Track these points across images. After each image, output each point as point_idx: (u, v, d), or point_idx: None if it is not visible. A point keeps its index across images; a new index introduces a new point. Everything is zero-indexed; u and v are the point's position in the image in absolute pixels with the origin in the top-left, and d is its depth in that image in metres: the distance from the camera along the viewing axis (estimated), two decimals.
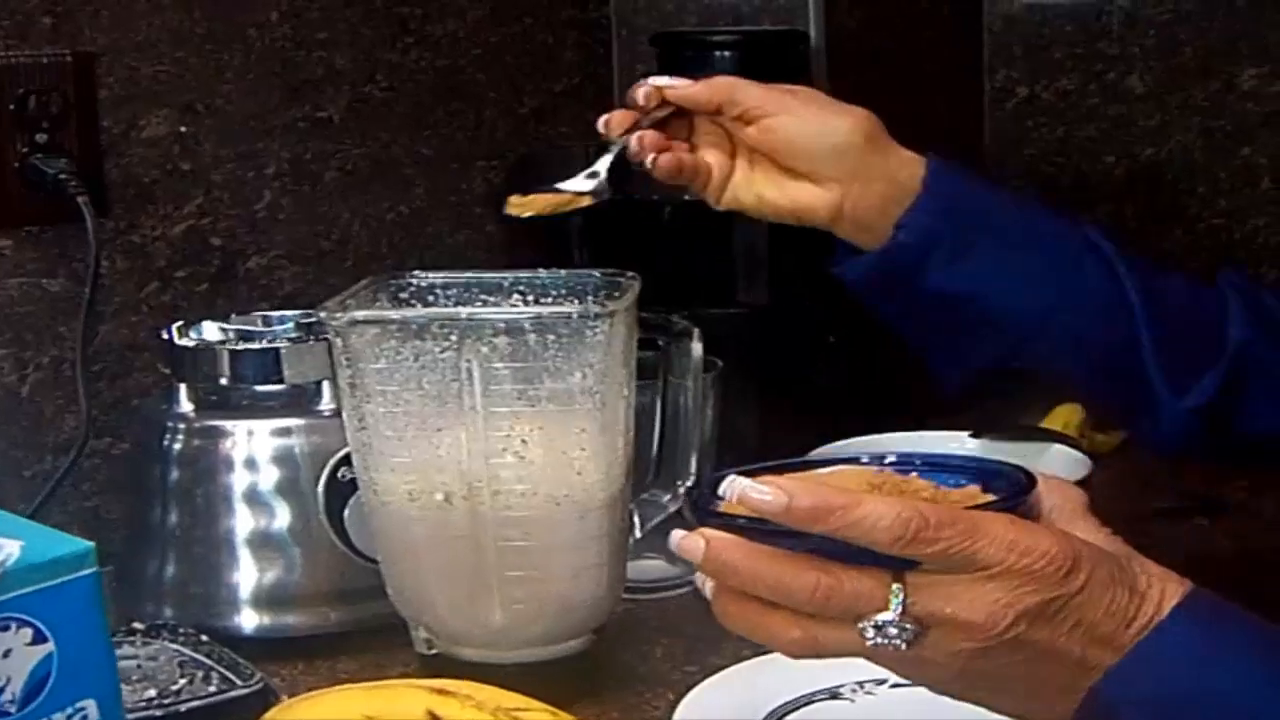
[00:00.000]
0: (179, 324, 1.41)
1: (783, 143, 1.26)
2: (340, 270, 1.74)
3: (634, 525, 1.29)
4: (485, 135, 1.88)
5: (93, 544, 0.83)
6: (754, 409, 1.61)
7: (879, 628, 0.87)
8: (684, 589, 1.46)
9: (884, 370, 1.68)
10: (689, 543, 0.91)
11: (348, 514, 1.34)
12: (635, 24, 1.99)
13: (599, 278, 1.29)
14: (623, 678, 1.27)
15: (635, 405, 1.25)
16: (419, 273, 1.31)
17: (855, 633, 0.87)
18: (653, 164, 1.26)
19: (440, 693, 0.99)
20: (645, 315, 1.28)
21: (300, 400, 1.38)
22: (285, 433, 1.37)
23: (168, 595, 1.38)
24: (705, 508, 0.92)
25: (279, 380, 1.38)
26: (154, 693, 1.20)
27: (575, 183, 1.27)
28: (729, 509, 0.90)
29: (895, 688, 1.12)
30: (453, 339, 1.15)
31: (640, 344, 1.26)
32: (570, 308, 1.22)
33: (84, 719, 0.87)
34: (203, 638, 1.29)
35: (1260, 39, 1.99)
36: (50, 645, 0.84)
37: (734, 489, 0.89)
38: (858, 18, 1.94)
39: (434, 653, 1.23)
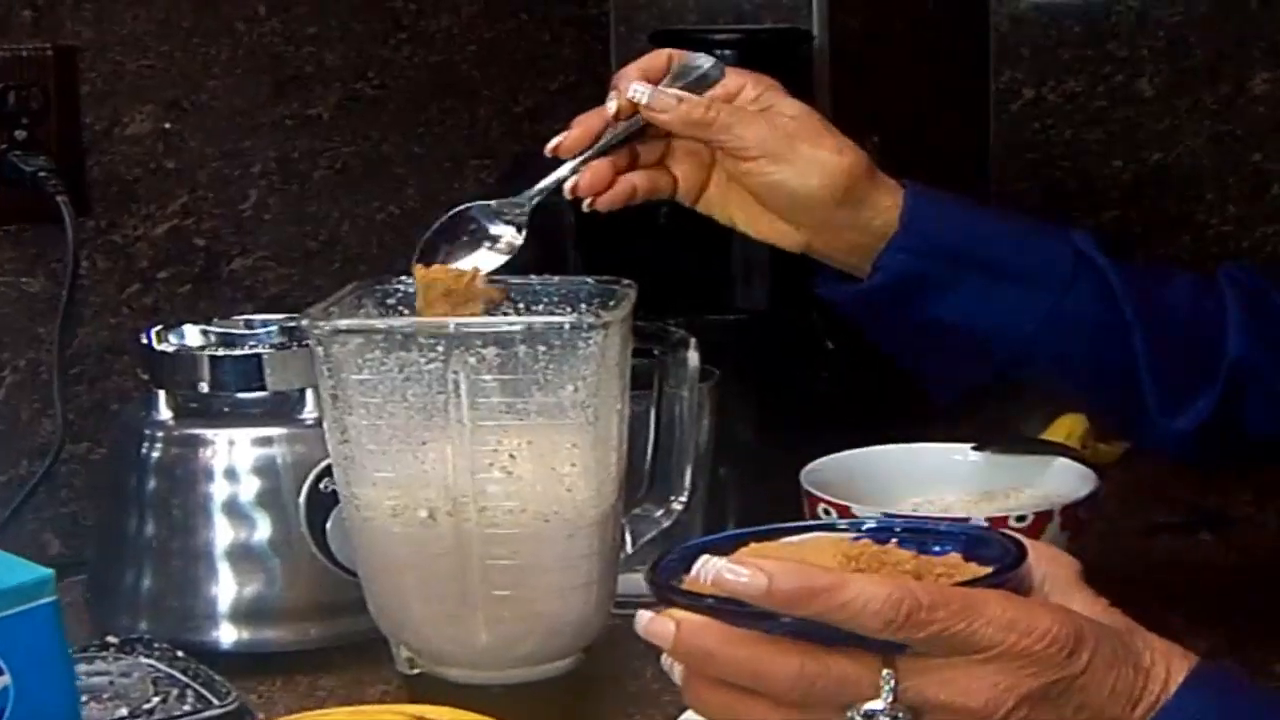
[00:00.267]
0: (158, 328, 1.37)
1: (763, 188, 1.21)
2: (328, 272, 1.70)
3: (625, 541, 1.25)
4: (479, 134, 1.84)
5: (51, 571, 0.79)
6: (751, 417, 1.57)
7: (869, 716, 0.81)
8: None
9: (885, 379, 1.63)
10: (657, 626, 0.85)
11: (330, 526, 1.30)
12: (635, 20, 1.95)
13: (593, 285, 1.24)
14: (613, 699, 1.24)
15: (629, 416, 1.20)
16: (406, 278, 1.26)
17: None
18: (589, 207, 1.21)
19: None
20: (641, 324, 1.23)
21: (283, 408, 1.34)
22: (267, 442, 1.33)
23: (144, 608, 1.34)
24: (670, 584, 0.86)
25: (261, 387, 1.34)
26: (125, 711, 1.16)
27: (481, 255, 1.21)
28: (695, 586, 0.84)
29: None
30: (439, 350, 1.11)
31: (635, 351, 1.22)
32: (562, 318, 1.17)
33: None
34: (178, 653, 1.25)
35: (1272, 42, 1.95)
36: (6, 678, 0.80)
37: (708, 571, 0.83)
38: (862, 16, 1.90)
39: (416, 672, 1.18)
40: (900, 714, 0.81)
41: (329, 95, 1.71)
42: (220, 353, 1.35)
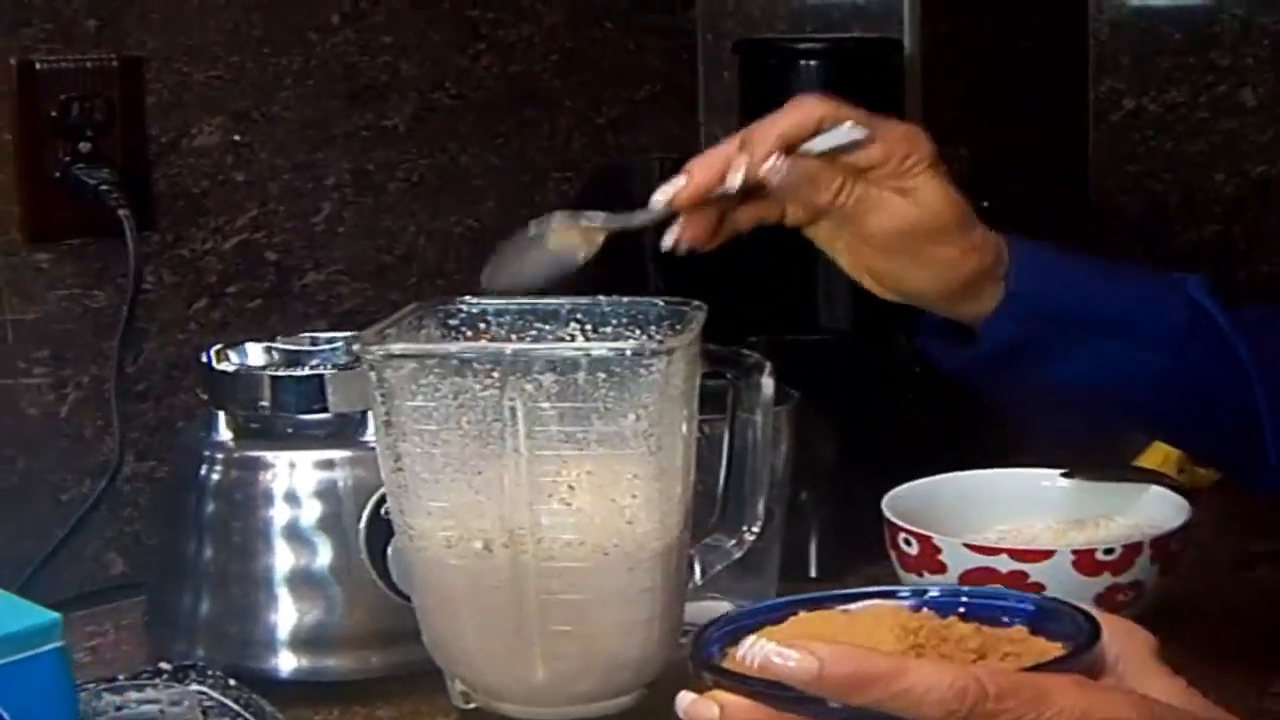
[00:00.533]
0: (217, 347, 1.33)
1: (875, 269, 1.14)
2: (403, 286, 1.67)
3: (694, 572, 1.20)
4: (560, 146, 1.80)
5: (58, 616, 0.75)
6: (833, 442, 1.52)
7: None
8: None
9: (971, 403, 1.58)
10: (700, 710, 0.77)
11: (390, 553, 1.26)
12: (721, 29, 1.91)
13: (662, 307, 1.20)
14: None
15: (706, 438, 1.17)
16: (470, 298, 1.22)
17: None
18: (685, 252, 1.13)
19: None
20: (713, 348, 1.19)
21: (346, 430, 1.30)
22: (328, 465, 1.29)
23: (201, 633, 1.31)
24: (713, 664, 0.80)
25: (323, 409, 1.30)
26: None
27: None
28: (742, 666, 0.78)
29: None
30: (495, 376, 1.07)
31: (711, 374, 1.17)
32: (624, 344, 1.13)
33: None
34: (231, 681, 1.21)
35: None
36: None
37: (754, 654, 0.76)
38: (955, 25, 1.84)
39: (472, 706, 1.14)
40: None
41: (405, 106, 1.67)
42: (281, 373, 1.31)
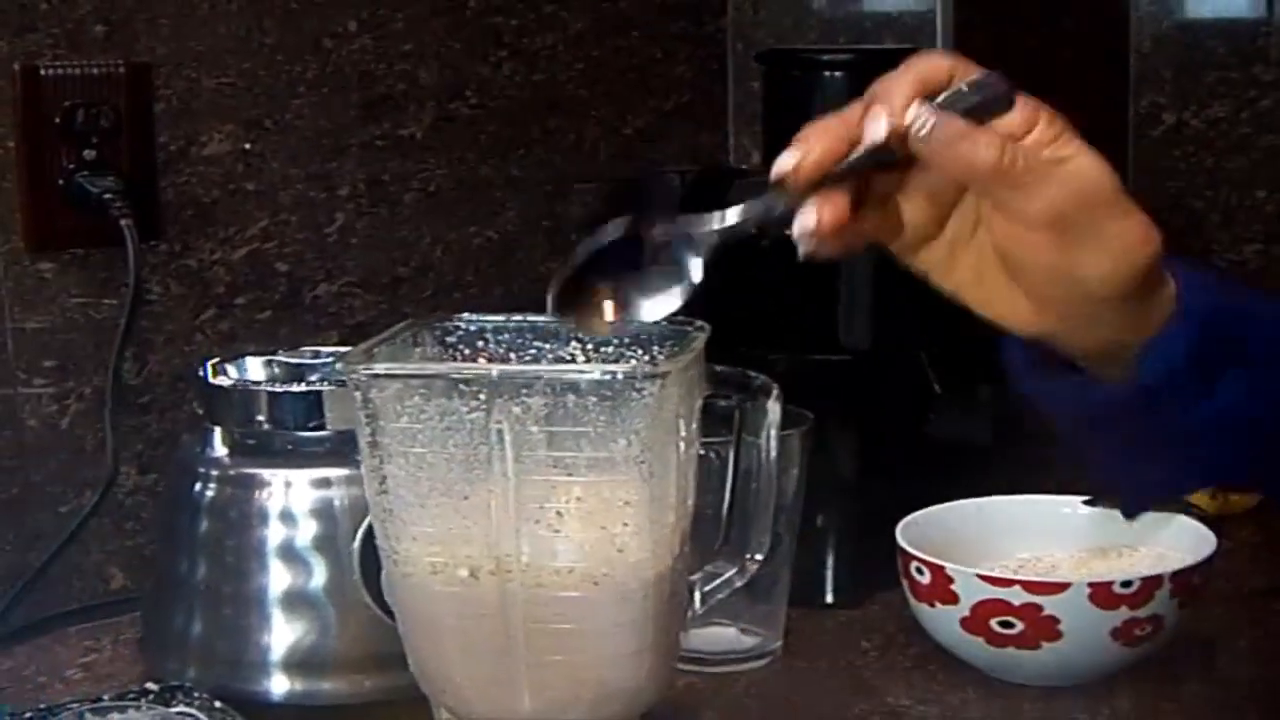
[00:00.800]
0: (214, 360, 1.30)
1: (1036, 265, 0.92)
2: (418, 299, 1.63)
3: (693, 600, 1.16)
4: (586, 156, 1.77)
5: None
6: (852, 465, 1.48)
7: None
8: (755, 663, 1.34)
9: (995, 426, 1.54)
10: None
11: (384, 575, 1.23)
12: (752, 38, 1.87)
13: (664, 327, 1.16)
14: None
15: (719, 460, 1.14)
16: (467, 315, 1.19)
17: None
18: (809, 254, 0.92)
19: None
20: (720, 369, 1.16)
21: (344, 448, 1.26)
22: (325, 484, 1.26)
23: (193, 654, 1.28)
24: None
25: (320, 426, 1.27)
26: None
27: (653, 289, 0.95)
28: None
29: None
30: (482, 398, 1.03)
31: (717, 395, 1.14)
32: (615, 366, 1.10)
33: None
34: (217, 703, 1.19)
35: None
36: None
37: None
38: (990, 36, 1.80)
39: None
40: None
41: (422, 115, 1.64)
42: (278, 388, 1.29)
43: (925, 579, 1.29)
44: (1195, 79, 1.93)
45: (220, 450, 1.29)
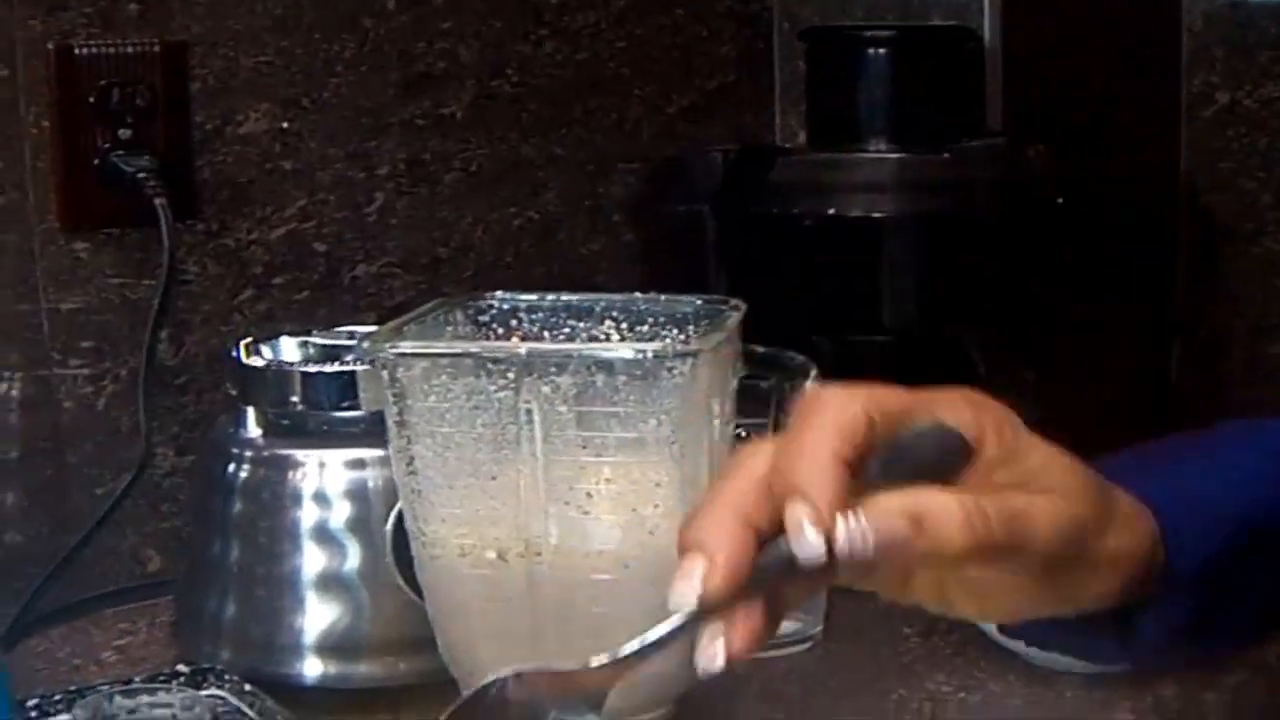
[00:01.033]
0: (247, 341, 1.29)
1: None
2: (458, 279, 1.62)
3: None
4: (629, 135, 1.75)
5: None
6: None
7: None
8: (796, 647, 1.33)
9: (1042, 408, 1.51)
10: None
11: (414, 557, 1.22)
12: (798, 15, 1.85)
13: (700, 305, 1.15)
14: None
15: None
16: (500, 294, 1.18)
17: None
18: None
19: None
20: (757, 349, 1.14)
21: (378, 429, 1.25)
22: (359, 465, 1.25)
23: (226, 637, 1.27)
24: None
25: (354, 406, 1.26)
26: None
27: None
28: None
29: None
30: (510, 376, 1.02)
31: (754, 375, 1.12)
32: (645, 345, 1.08)
33: None
34: (247, 686, 1.17)
35: None
36: None
37: None
38: (1039, 15, 1.77)
39: None
40: None
41: (463, 94, 1.62)
42: (312, 369, 1.27)
43: None
44: (1248, 59, 1.90)
45: (254, 431, 1.28)
